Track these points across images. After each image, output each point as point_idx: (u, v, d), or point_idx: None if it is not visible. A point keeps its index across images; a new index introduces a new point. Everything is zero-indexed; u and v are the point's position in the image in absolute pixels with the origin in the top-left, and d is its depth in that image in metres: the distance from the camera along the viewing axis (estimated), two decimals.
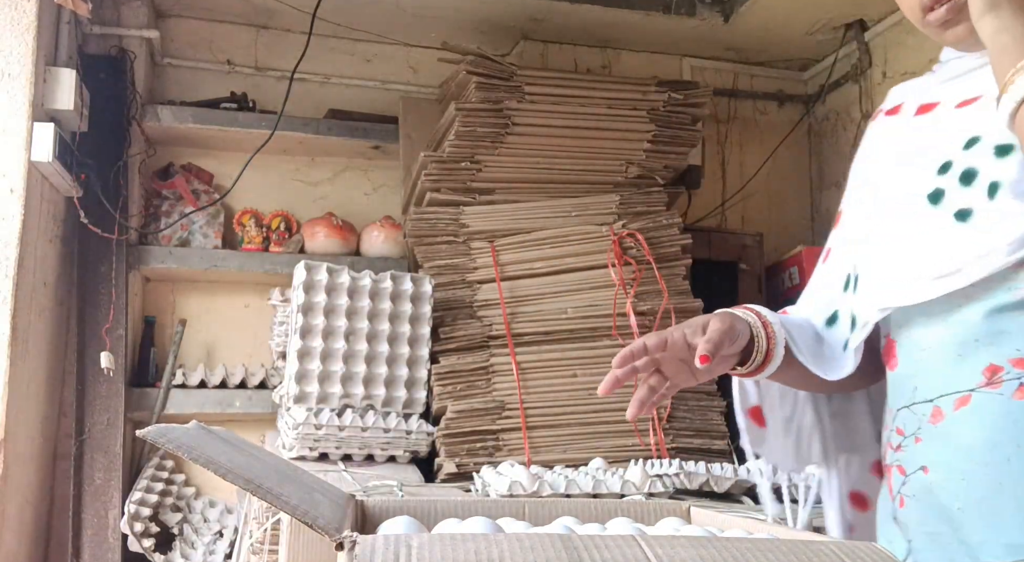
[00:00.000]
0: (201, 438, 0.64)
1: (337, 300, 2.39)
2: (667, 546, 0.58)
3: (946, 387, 0.98)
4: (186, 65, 3.12)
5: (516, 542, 0.57)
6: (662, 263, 2.60)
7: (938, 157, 1.01)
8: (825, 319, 1.16)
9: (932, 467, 0.99)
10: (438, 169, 2.60)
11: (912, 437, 1.02)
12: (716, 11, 3.13)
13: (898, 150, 1.10)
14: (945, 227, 0.97)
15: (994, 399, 0.94)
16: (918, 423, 1.01)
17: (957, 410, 0.96)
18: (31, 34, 2.33)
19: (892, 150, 1.11)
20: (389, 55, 3.27)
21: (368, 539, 0.56)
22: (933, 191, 1.00)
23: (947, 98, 1.06)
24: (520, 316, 2.54)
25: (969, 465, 0.95)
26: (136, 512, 2.54)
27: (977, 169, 0.96)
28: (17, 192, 2.30)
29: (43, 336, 2.49)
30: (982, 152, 0.96)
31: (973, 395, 0.95)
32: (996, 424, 0.93)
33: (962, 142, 0.99)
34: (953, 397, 0.97)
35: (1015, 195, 0.92)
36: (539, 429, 2.43)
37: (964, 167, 0.97)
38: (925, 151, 1.04)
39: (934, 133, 1.05)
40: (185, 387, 2.80)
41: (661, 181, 2.74)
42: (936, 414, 0.99)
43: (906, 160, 1.07)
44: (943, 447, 0.98)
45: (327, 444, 2.29)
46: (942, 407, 0.98)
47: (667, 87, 2.72)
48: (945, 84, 1.09)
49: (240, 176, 2.89)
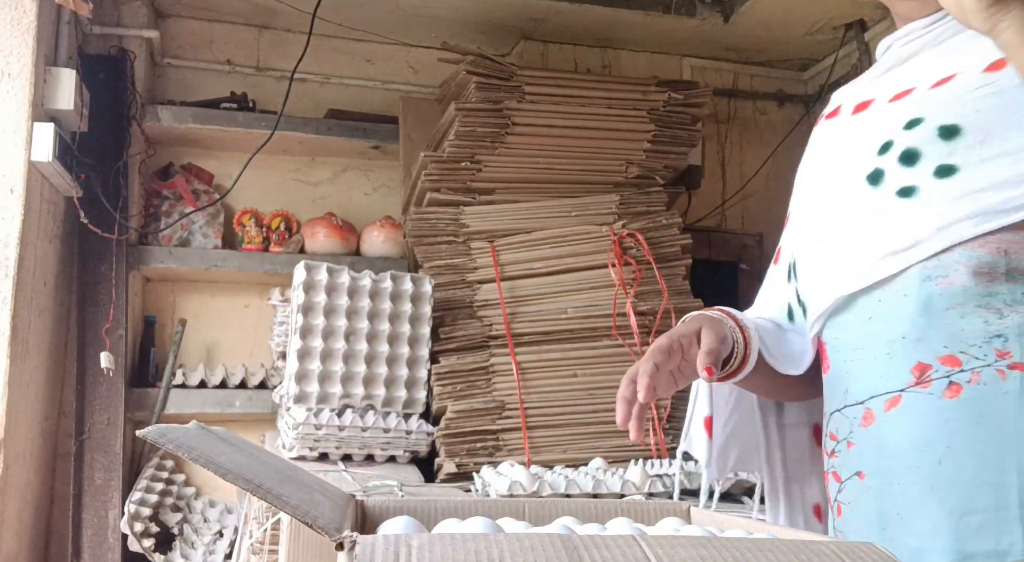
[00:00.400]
0: (201, 438, 0.64)
1: (337, 300, 2.39)
2: (667, 546, 0.58)
3: (876, 388, 0.94)
4: (186, 65, 3.12)
5: (516, 542, 0.57)
6: (662, 263, 2.60)
7: (877, 139, 0.98)
8: (784, 314, 1.15)
9: (868, 472, 0.95)
10: (438, 169, 2.60)
11: (844, 441, 0.99)
12: (716, 11, 3.13)
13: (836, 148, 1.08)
14: (889, 206, 0.94)
15: (924, 399, 0.90)
16: (850, 426, 0.98)
17: (888, 411, 0.93)
18: (31, 34, 2.33)
19: (830, 150, 1.09)
20: (389, 55, 3.27)
21: (368, 539, 0.56)
22: (872, 172, 0.97)
23: (880, 94, 1.04)
24: (520, 316, 2.54)
25: (902, 469, 0.91)
26: (136, 512, 2.54)
27: (920, 150, 0.93)
28: (17, 192, 2.30)
29: (43, 336, 2.49)
30: (925, 134, 0.93)
31: (903, 395, 0.91)
32: (927, 425, 0.89)
33: (902, 123, 0.96)
34: (884, 398, 0.93)
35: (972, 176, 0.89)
36: (539, 429, 2.43)
37: (905, 147, 0.94)
38: (862, 139, 1.01)
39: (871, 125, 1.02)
40: (185, 387, 2.80)
41: (661, 181, 2.74)
42: (867, 416, 0.95)
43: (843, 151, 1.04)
44: (876, 451, 0.94)
45: (327, 444, 2.29)
46: (872, 409, 0.94)
47: (667, 87, 2.72)
48: (877, 80, 1.07)
49: (240, 176, 2.89)
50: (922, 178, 0.91)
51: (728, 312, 1.07)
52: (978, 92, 0.91)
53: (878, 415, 0.93)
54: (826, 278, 1.02)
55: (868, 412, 0.95)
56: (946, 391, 0.88)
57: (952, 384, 0.88)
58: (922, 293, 0.91)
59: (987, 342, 0.87)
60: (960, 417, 0.88)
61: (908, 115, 0.96)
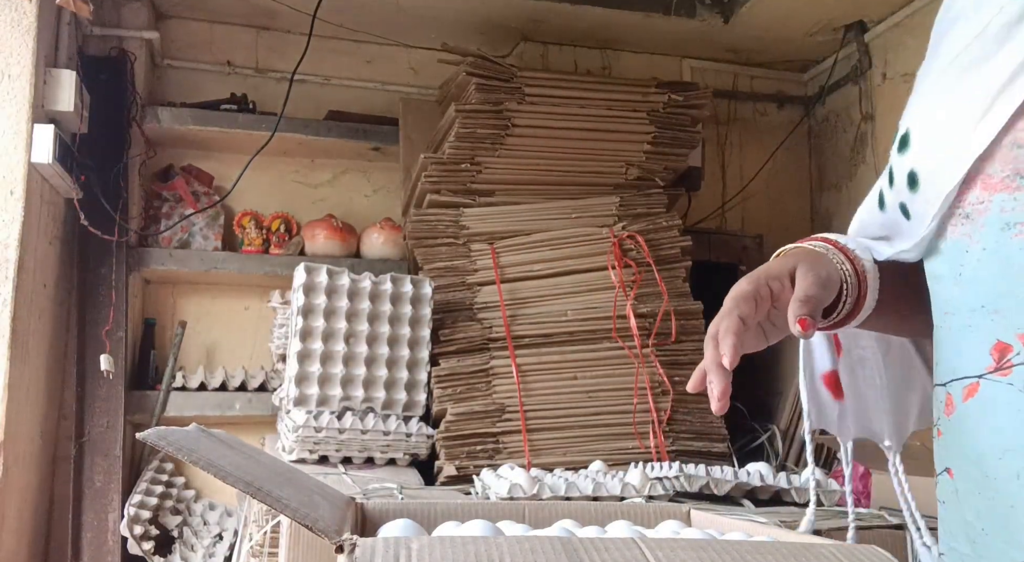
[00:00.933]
0: (201, 441, 0.64)
1: (337, 302, 2.39)
2: (667, 549, 0.58)
3: (956, 369, 0.76)
4: (186, 66, 3.12)
5: (516, 545, 0.57)
6: (662, 265, 2.60)
7: None
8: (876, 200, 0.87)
9: (955, 471, 0.77)
10: (438, 171, 2.60)
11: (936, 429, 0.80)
12: (716, 12, 3.13)
13: None
14: None
15: (1004, 390, 0.70)
16: (938, 412, 0.79)
17: (966, 401, 0.74)
18: (31, 35, 2.33)
19: None
20: (389, 56, 3.27)
21: (368, 542, 0.56)
22: None
23: None
24: (520, 318, 2.54)
25: (982, 476, 0.73)
26: (136, 515, 2.54)
27: None
28: (17, 194, 2.30)
29: (43, 338, 2.49)
30: None
31: (981, 383, 0.72)
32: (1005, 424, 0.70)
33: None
34: (962, 383, 0.74)
35: None
36: (539, 432, 2.42)
37: None
38: None
39: None
40: (185, 389, 2.80)
41: (661, 183, 2.74)
42: (949, 403, 0.77)
43: None
44: (959, 447, 0.76)
45: (327, 447, 2.29)
46: (953, 395, 0.76)
47: (667, 88, 2.72)
48: None
49: (240, 178, 2.89)
50: None
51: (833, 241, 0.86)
52: None
53: (957, 404, 0.75)
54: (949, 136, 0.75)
55: (949, 397, 0.76)
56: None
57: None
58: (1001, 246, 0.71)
59: None
60: None
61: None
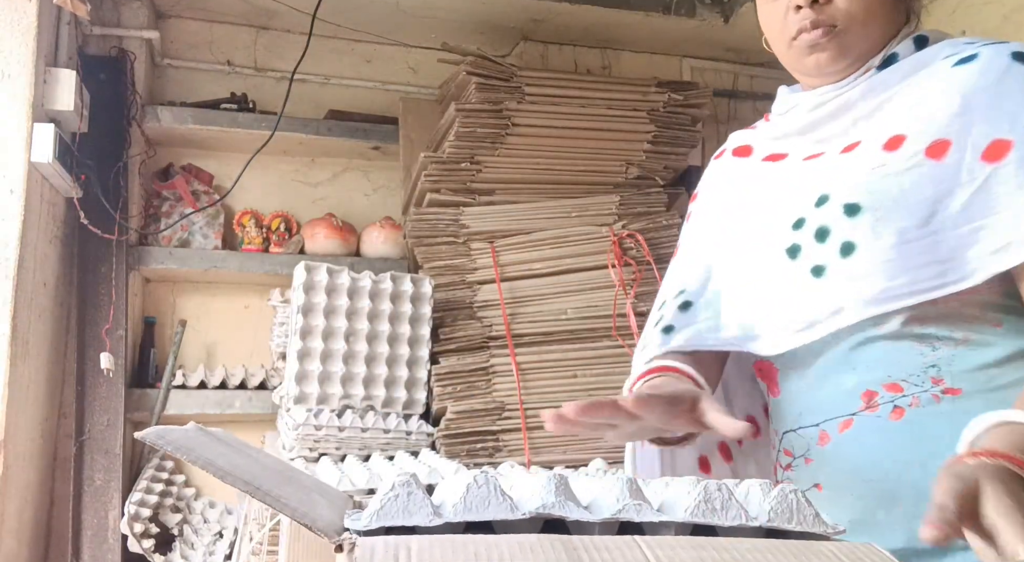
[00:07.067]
0: (199, 440, 0.64)
1: (337, 301, 2.39)
2: (667, 548, 0.58)
3: (829, 412, 1.06)
4: (186, 66, 3.12)
5: (516, 544, 0.57)
6: (662, 264, 2.60)
7: (792, 213, 1.08)
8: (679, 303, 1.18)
9: (825, 485, 1.06)
10: (438, 170, 2.60)
11: (802, 458, 1.09)
12: (716, 12, 3.13)
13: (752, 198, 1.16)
14: (802, 282, 1.04)
15: (874, 421, 1.02)
16: (807, 445, 1.08)
17: (842, 433, 1.04)
18: (31, 35, 2.33)
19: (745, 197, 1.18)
20: (389, 56, 3.27)
21: (368, 541, 0.56)
22: (791, 246, 1.06)
23: (794, 152, 1.15)
24: (520, 317, 2.54)
25: (857, 483, 1.02)
26: (136, 513, 2.54)
27: (830, 227, 1.02)
28: (17, 193, 2.30)
29: (43, 337, 2.49)
30: (832, 211, 1.03)
31: (855, 419, 1.03)
32: (878, 444, 1.01)
33: (813, 199, 1.06)
34: (837, 421, 1.05)
35: (870, 255, 0.99)
36: (539, 430, 2.42)
37: (818, 225, 1.04)
38: (778, 205, 1.11)
39: (785, 187, 1.12)
40: (185, 388, 2.79)
41: (661, 182, 2.74)
42: (823, 437, 1.06)
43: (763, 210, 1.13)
44: (832, 467, 1.05)
45: (327, 445, 2.29)
46: (828, 431, 1.06)
47: (667, 88, 2.73)
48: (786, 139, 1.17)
49: (240, 177, 2.89)
50: (830, 257, 1.02)
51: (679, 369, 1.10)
52: (874, 173, 1.02)
53: (833, 436, 1.05)
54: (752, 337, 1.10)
55: (823, 433, 1.06)
56: (892, 414, 1.01)
57: (896, 408, 1.01)
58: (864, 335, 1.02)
59: (923, 371, 1.00)
60: (905, 436, 1.00)
61: (817, 189, 1.06)
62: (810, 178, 1.09)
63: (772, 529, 0.65)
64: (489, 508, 0.61)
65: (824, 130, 1.12)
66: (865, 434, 1.02)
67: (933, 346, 1.00)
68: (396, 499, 0.61)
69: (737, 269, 1.15)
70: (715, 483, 0.67)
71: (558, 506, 0.63)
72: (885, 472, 1.00)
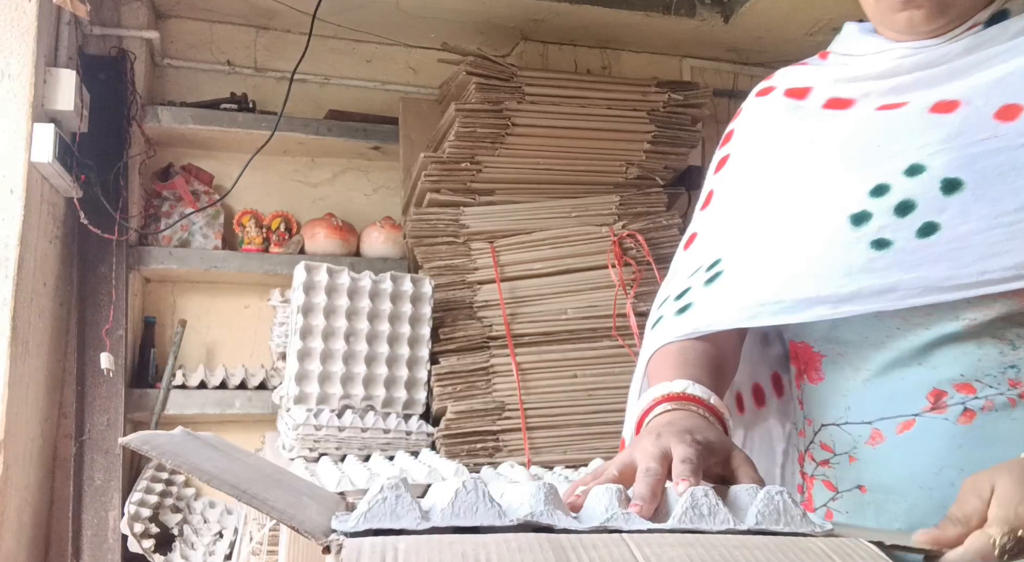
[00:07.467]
0: (186, 444, 0.64)
1: (337, 301, 2.39)
2: (654, 545, 0.58)
3: (887, 410, 0.94)
4: (186, 66, 3.12)
5: (503, 543, 0.57)
6: (662, 264, 2.60)
7: (872, 176, 0.93)
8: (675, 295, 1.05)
9: (871, 488, 0.96)
10: (438, 170, 2.60)
11: (845, 455, 0.98)
12: (716, 12, 3.12)
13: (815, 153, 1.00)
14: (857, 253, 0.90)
15: (940, 424, 0.90)
16: (853, 443, 0.97)
17: (900, 434, 0.93)
18: (31, 35, 2.33)
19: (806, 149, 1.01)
20: (389, 56, 3.27)
21: (354, 542, 0.56)
22: (859, 212, 0.92)
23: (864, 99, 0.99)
24: (520, 317, 2.54)
25: (913, 489, 0.92)
26: (136, 513, 2.54)
27: (916, 202, 0.89)
28: (17, 193, 2.30)
29: (43, 337, 2.49)
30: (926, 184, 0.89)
31: (917, 420, 0.92)
32: (941, 449, 0.90)
33: (902, 166, 0.91)
34: (896, 421, 0.93)
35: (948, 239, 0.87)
36: (539, 430, 2.42)
37: (903, 197, 0.90)
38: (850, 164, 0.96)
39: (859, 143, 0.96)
40: (185, 388, 2.80)
41: (661, 182, 2.74)
42: (875, 436, 0.95)
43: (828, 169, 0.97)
44: (883, 469, 0.95)
45: (327, 445, 2.29)
46: (882, 430, 0.94)
47: (667, 88, 2.72)
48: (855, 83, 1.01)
49: (240, 177, 2.89)
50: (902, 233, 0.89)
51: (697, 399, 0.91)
52: (983, 145, 0.88)
53: (888, 436, 0.94)
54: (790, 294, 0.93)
55: (876, 432, 0.95)
56: (961, 417, 0.90)
57: (967, 410, 0.89)
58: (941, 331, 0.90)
59: (1001, 372, 0.89)
60: (972, 442, 0.89)
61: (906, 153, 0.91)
62: (892, 136, 0.94)
63: (760, 531, 0.64)
64: (477, 514, 0.61)
65: (909, 77, 0.97)
66: (927, 437, 0.91)
67: (1013, 344, 0.89)
68: (384, 502, 0.60)
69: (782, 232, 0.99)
70: (702, 489, 0.66)
71: (546, 514, 0.62)
72: (945, 480, 0.89)
